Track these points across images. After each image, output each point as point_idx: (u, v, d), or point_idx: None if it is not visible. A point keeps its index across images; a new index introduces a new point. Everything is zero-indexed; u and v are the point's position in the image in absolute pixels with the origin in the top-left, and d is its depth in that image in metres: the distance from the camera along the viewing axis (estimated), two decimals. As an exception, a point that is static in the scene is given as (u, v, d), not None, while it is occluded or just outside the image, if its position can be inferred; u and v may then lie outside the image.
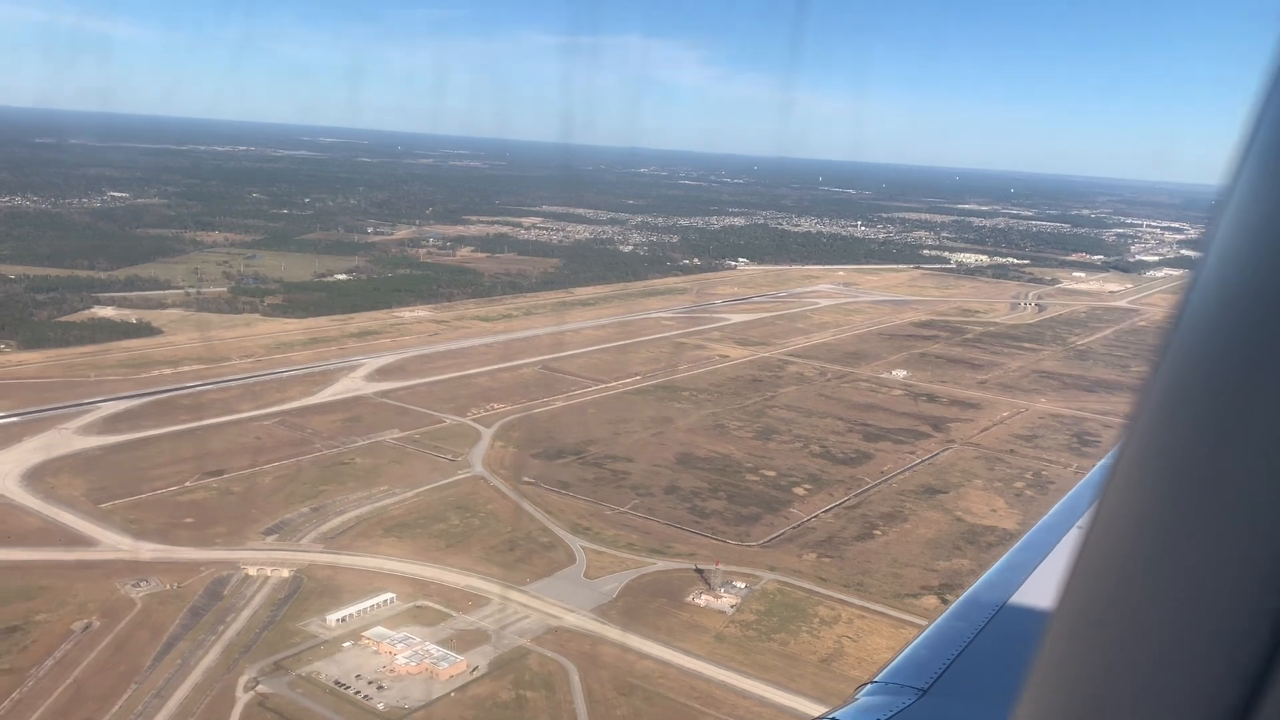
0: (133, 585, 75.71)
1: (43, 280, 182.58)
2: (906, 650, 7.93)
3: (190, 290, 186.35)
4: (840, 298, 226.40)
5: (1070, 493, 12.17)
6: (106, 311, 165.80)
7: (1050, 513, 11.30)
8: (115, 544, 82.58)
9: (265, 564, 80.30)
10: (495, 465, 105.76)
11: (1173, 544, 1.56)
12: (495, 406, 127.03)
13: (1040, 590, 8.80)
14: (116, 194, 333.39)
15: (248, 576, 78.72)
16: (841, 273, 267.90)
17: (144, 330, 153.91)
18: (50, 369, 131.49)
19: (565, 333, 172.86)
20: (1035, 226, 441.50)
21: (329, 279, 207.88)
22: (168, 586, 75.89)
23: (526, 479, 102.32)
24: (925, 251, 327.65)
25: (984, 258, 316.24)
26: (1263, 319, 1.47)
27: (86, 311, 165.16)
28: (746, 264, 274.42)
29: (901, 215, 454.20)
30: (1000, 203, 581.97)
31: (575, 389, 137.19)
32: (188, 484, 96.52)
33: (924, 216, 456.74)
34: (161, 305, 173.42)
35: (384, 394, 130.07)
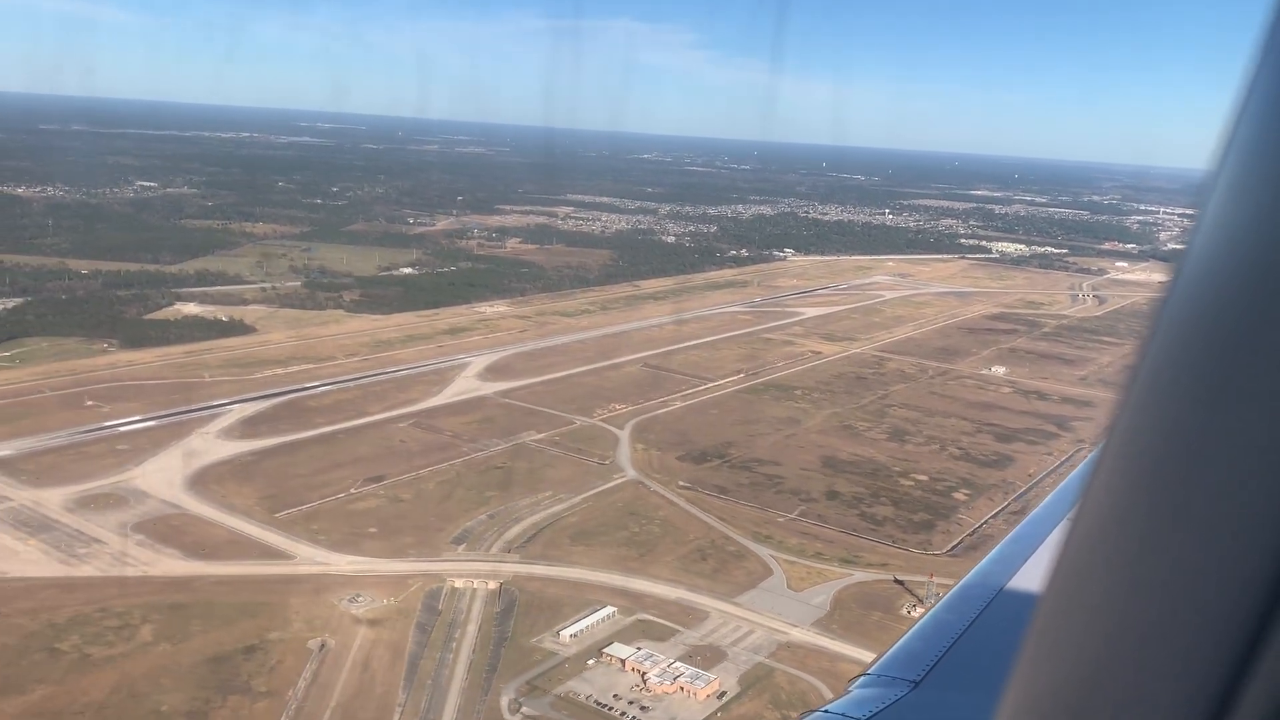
0: (349, 601, 74.93)
1: (115, 276, 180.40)
2: (899, 642, 8.03)
3: (265, 286, 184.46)
4: (902, 289, 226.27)
5: (1061, 485, 12.26)
6: (190, 308, 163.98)
7: (1041, 505, 11.43)
8: (311, 556, 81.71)
9: (469, 575, 79.64)
10: (645, 469, 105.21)
11: (1155, 537, 1.58)
12: (617, 407, 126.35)
13: (1031, 582, 8.86)
14: (145, 184, 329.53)
15: (455, 589, 78.07)
16: (891, 263, 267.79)
17: (239, 328, 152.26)
18: (162, 370, 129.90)
19: (650, 328, 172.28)
20: (1055, 214, 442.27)
21: (396, 273, 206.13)
22: (384, 601, 75.16)
23: (682, 483, 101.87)
24: (963, 241, 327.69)
25: (1023, 247, 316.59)
26: (1246, 312, 1.47)
27: (170, 308, 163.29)
28: (793, 255, 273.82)
29: (920, 203, 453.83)
30: (1010, 189, 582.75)
31: (685, 388, 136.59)
32: (352, 490, 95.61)
33: (944, 204, 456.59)
34: (242, 301, 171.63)
35: (503, 394, 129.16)
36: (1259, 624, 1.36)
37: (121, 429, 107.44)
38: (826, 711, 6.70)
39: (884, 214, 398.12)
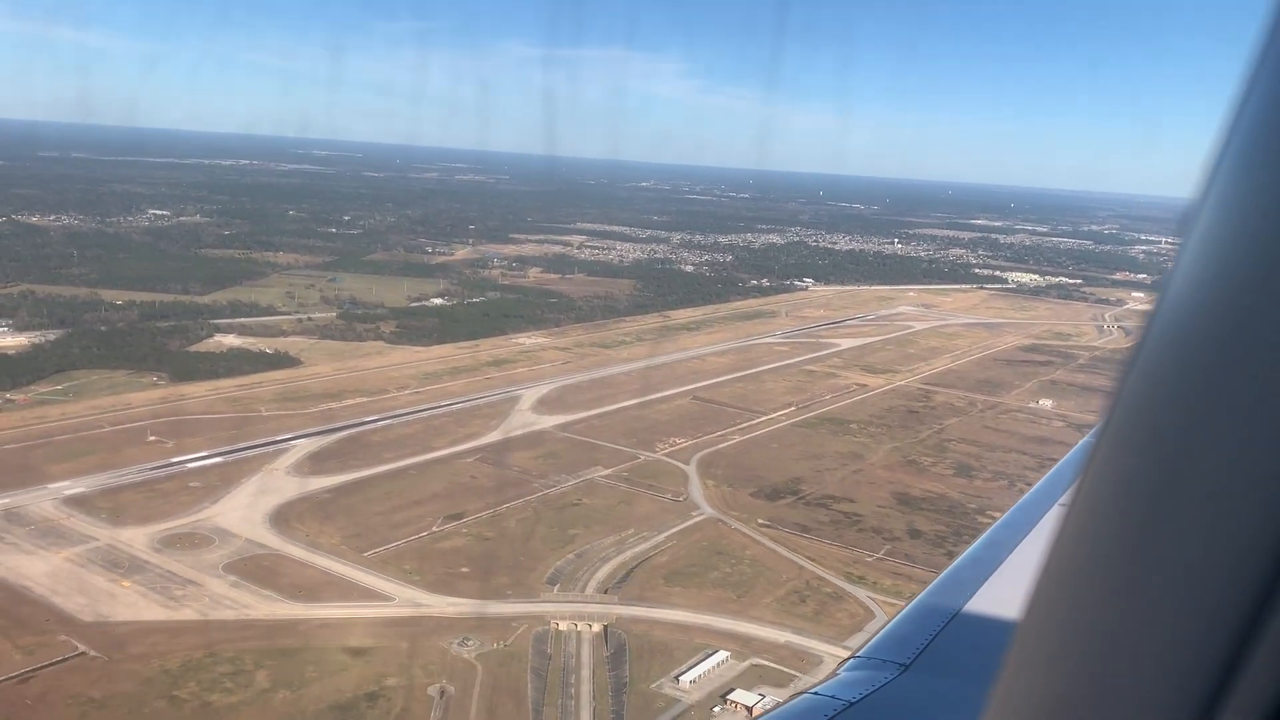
0: (459, 644, 73.83)
1: (150, 307, 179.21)
2: (889, 626, 8.15)
3: (300, 317, 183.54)
4: (929, 320, 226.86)
5: (1050, 472, 12.44)
6: (230, 339, 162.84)
7: (1030, 491, 11.56)
8: (410, 598, 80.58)
9: (571, 617, 78.64)
10: (721, 506, 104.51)
11: (1148, 533, 1.60)
12: (676, 441, 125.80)
13: (1021, 567, 8.96)
14: (158, 212, 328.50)
15: (560, 631, 77.04)
16: (912, 293, 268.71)
17: (284, 361, 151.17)
18: (216, 403, 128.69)
19: (690, 360, 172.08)
20: (1059, 244, 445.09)
21: (427, 304, 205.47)
22: (494, 646, 74.06)
23: (761, 521, 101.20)
24: (977, 271, 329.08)
25: (1037, 277, 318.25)
26: (1236, 314, 1.50)
27: (210, 340, 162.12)
28: (813, 284, 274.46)
29: (924, 232, 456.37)
30: (1009, 218, 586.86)
31: (739, 421, 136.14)
32: (435, 529, 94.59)
33: (948, 233, 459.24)
34: (281, 332, 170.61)
35: (562, 428, 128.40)
36: (1251, 621, 1.37)
37: (190, 465, 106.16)
38: (817, 693, 6.81)
39: (893, 243, 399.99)
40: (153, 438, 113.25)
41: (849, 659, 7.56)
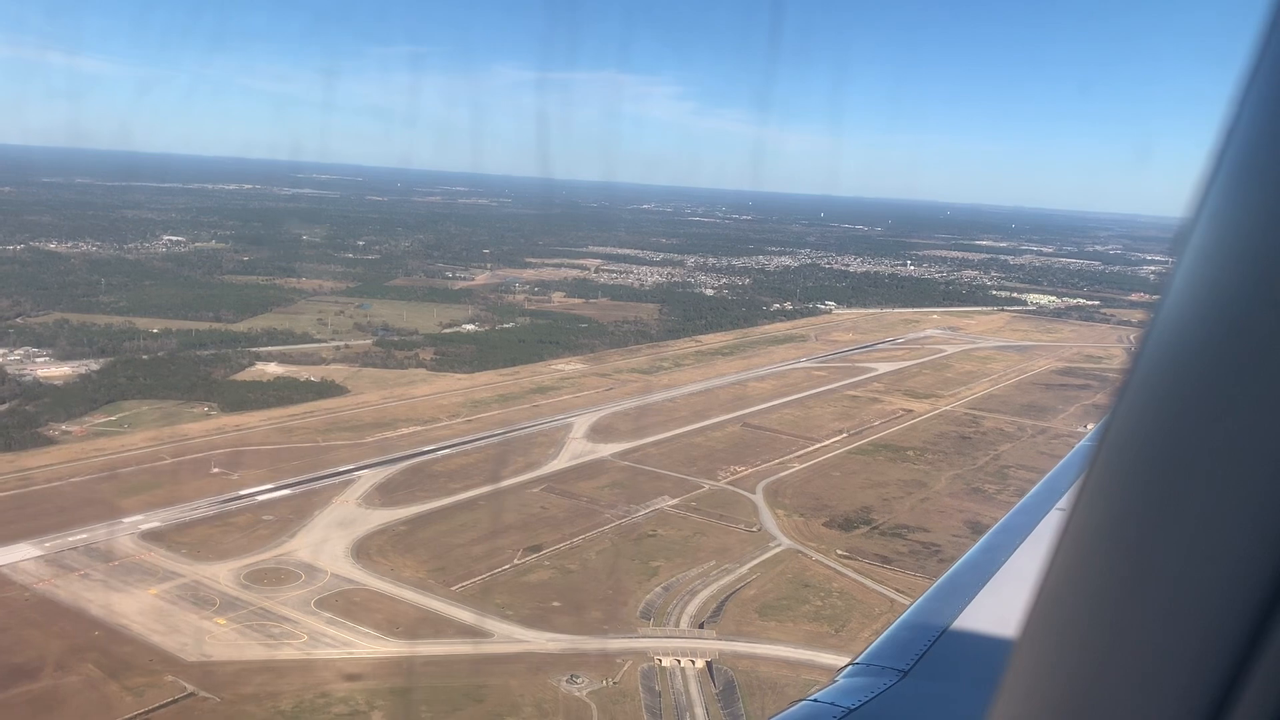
0: (568, 681, 72.91)
1: (187, 335, 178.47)
2: (888, 632, 8.12)
3: (337, 344, 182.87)
4: (959, 344, 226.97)
5: (1048, 476, 12.48)
6: (272, 368, 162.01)
7: (1028, 495, 11.57)
8: (508, 633, 79.66)
9: (671, 653, 77.81)
10: (796, 537, 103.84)
11: (1150, 539, 1.60)
12: (737, 469, 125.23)
13: (1019, 572, 8.96)
14: (173, 238, 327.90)
15: (663, 667, 76.17)
16: (936, 316, 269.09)
17: (332, 389, 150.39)
18: (271, 434, 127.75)
19: (731, 386, 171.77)
20: (1068, 264, 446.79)
21: (460, 330, 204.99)
22: (603, 683, 73.16)
23: (841, 552, 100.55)
24: (994, 293, 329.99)
25: (1054, 299, 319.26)
26: (1237, 318, 1.51)
27: (253, 369, 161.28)
28: (836, 308, 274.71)
29: (932, 253, 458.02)
30: (1012, 239, 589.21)
31: (795, 449, 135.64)
32: (516, 561, 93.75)
33: (956, 255, 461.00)
34: (321, 360, 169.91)
35: (620, 456, 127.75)
36: (1254, 627, 1.37)
37: (259, 498, 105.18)
38: (815, 700, 6.79)
39: (905, 265, 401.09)
40: (216, 470, 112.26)
41: (847, 665, 7.55)
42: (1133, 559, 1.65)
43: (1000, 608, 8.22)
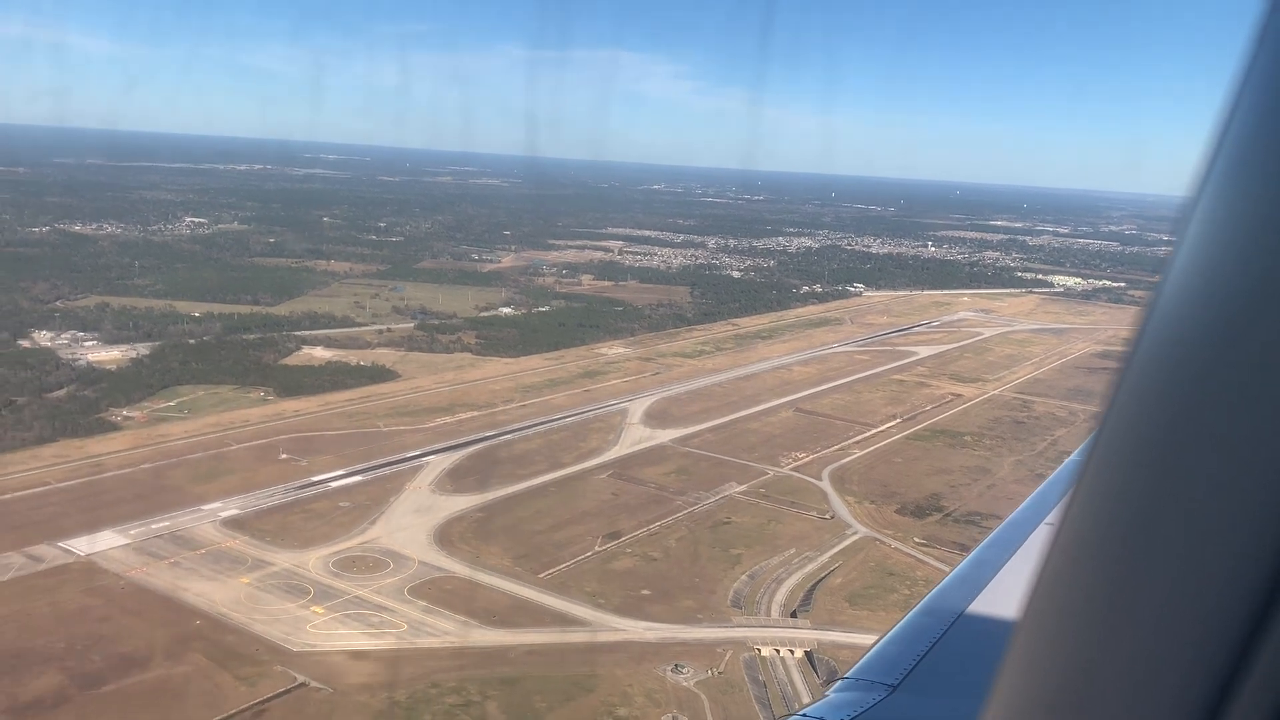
0: (673, 671, 72.94)
1: (229, 319, 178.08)
2: (877, 646, 8.18)
3: (379, 328, 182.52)
4: (994, 326, 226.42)
5: (1038, 490, 12.49)
6: (319, 352, 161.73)
7: (1018, 510, 11.59)
8: (605, 622, 79.65)
9: (768, 642, 77.81)
10: (871, 524, 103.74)
11: (1143, 542, 1.58)
12: (799, 455, 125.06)
13: (1008, 586, 8.97)
14: (195, 219, 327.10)
15: (763, 657, 76.18)
16: (966, 298, 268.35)
17: (384, 374, 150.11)
18: (332, 419, 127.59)
19: (776, 370, 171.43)
20: (1087, 245, 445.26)
21: (498, 314, 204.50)
22: (708, 672, 73.20)
23: (918, 540, 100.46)
24: (1019, 274, 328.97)
25: (1080, 280, 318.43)
26: (1228, 318, 1.49)
27: (300, 353, 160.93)
28: (865, 290, 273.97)
29: (950, 234, 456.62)
30: (1026, 219, 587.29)
31: (852, 435, 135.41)
32: (598, 549, 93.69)
33: (974, 235, 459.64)
34: (366, 344, 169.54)
35: (679, 442, 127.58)
36: (1249, 632, 1.35)
37: (332, 485, 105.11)
38: (805, 715, 6.82)
39: (926, 246, 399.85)
40: (284, 455, 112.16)
41: (837, 680, 7.56)
42: (1125, 565, 1.63)
43: (989, 622, 8.26)
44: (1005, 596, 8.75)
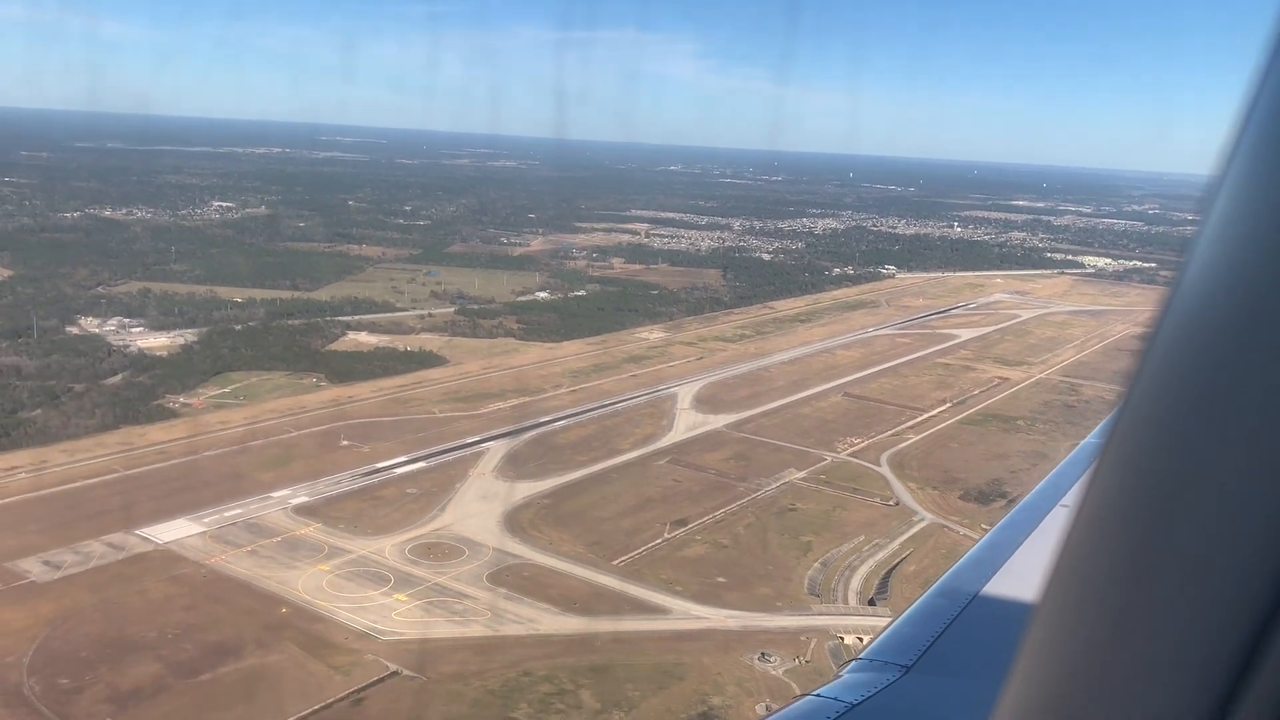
0: (760, 659, 73.01)
1: (271, 305, 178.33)
2: (891, 627, 8.16)
3: (420, 313, 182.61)
4: (1031, 308, 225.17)
5: (1053, 472, 12.52)
6: (364, 337, 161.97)
7: (1033, 492, 11.65)
8: (685, 610, 79.73)
9: (854, 631, 77.67)
10: (937, 511, 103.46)
11: (1157, 537, 1.58)
12: (854, 441, 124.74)
13: (1023, 568, 8.94)
14: (222, 204, 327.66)
15: (847, 645, 76.09)
16: (999, 280, 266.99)
17: (432, 360, 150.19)
18: (387, 405, 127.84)
19: (819, 354, 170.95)
20: (1112, 225, 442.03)
21: (535, 298, 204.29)
22: (795, 662, 73.20)
23: (985, 526, 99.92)
24: (1048, 255, 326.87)
25: (1110, 261, 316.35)
26: (1254, 301, 1.47)
27: (345, 338, 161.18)
28: (897, 272, 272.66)
29: (973, 214, 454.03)
30: (1048, 199, 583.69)
31: (904, 419, 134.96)
32: (667, 536, 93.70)
33: (997, 215, 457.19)
34: (410, 330, 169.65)
35: (733, 427, 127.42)
36: (1267, 617, 1.36)
37: (396, 471, 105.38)
38: (819, 695, 6.82)
39: (952, 227, 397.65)
40: (345, 442, 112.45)
41: (851, 661, 7.59)
42: (1143, 552, 1.62)
43: (1004, 604, 8.27)
44: (1020, 579, 8.74)
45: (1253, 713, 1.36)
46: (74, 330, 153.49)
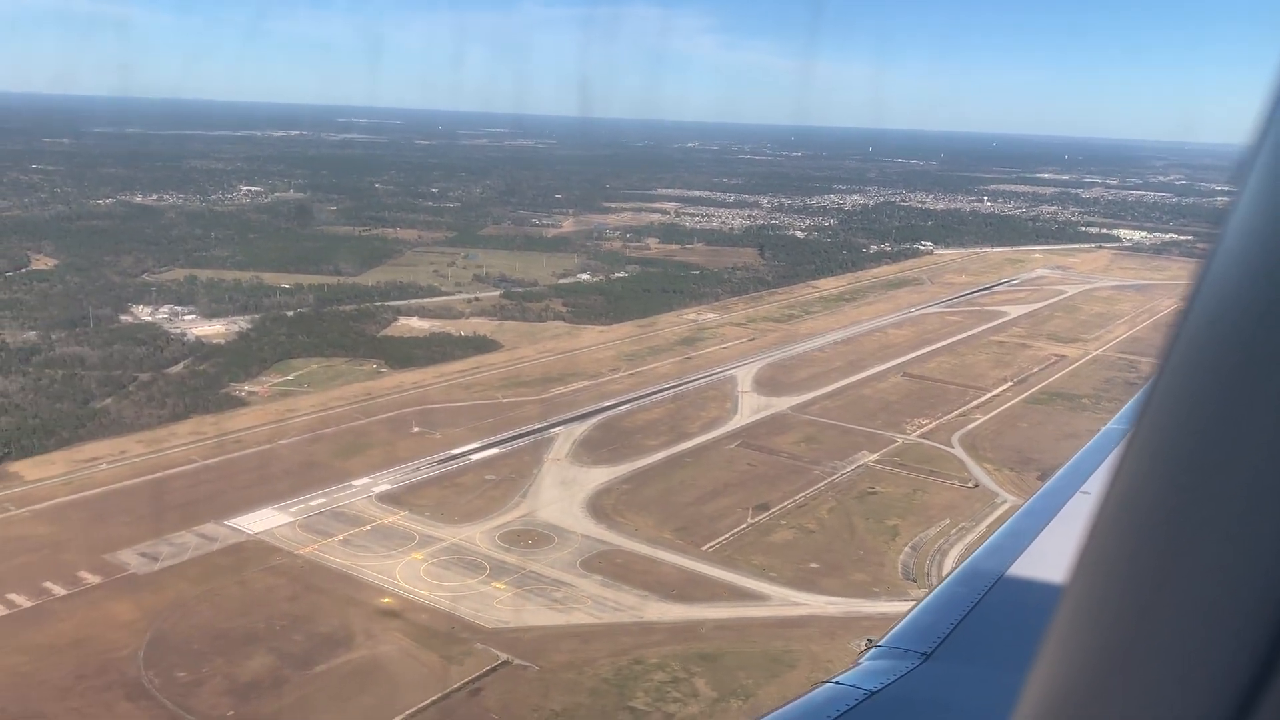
0: (866, 645, 72.37)
1: (319, 290, 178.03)
2: (911, 615, 8.16)
3: (467, 297, 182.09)
4: (1075, 284, 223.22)
5: (1072, 460, 12.42)
6: (415, 322, 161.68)
7: (1052, 480, 11.59)
8: (783, 596, 79.37)
9: (953, 614, 77.25)
10: (1018, 492, 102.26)
11: (1181, 533, 1.56)
12: (921, 422, 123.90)
13: (1044, 555, 8.76)
14: (250, 188, 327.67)
15: (950, 629, 75.65)
16: (1038, 255, 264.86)
17: (488, 344, 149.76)
18: (451, 390, 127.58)
19: (871, 334, 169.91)
20: (1140, 197, 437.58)
21: (578, 280, 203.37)
22: (902, 645, 72.69)
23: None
24: (1084, 229, 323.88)
25: (1146, 234, 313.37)
26: (1276, 299, 1.44)
27: (398, 324, 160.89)
28: (935, 248, 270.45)
29: (999, 188, 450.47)
30: (1072, 171, 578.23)
31: (968, 399, 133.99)
32: (751, 520, 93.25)
33: (1024, 189, 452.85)
34: (459, 314, 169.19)
35: (798, 409, 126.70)
36: None
37: (471, 457, 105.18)
38: (838, 683, 6.98)
39: (981, 201, 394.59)
40: (417, 429, 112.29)
41: (870, 648, 7.60)
42: (1170, 542, 1.60)
43: (1025, 591, 8.13)
44: (1040, 566, 8.58)
45: (1274, 712, 1.34)
46: (127, 319, 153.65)
